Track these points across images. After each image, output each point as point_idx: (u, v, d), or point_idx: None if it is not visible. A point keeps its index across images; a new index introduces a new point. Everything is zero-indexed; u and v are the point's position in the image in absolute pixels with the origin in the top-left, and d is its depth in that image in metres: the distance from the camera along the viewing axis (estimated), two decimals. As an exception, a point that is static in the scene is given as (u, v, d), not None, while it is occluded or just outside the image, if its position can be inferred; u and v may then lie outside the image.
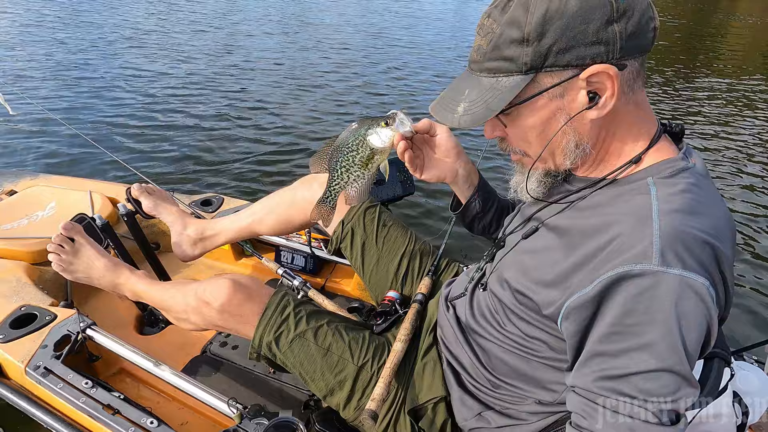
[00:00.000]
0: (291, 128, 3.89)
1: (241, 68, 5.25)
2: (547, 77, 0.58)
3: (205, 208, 1.73)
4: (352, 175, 0.83)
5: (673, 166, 0.61)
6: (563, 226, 0.66)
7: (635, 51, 0.58)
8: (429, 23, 8.37)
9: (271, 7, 8.59)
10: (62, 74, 4.57)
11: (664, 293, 0.52)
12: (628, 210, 0.58)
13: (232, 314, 0.95)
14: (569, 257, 0.61)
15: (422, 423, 0.89)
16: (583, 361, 0.58)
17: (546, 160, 0.66)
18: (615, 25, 0.55)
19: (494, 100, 0.60)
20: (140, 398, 1.19)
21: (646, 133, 0.63)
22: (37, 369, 1.08)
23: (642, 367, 0.53)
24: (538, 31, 0.56)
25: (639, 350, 0.53)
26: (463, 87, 0.64)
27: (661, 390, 0.53)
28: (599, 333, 0.56)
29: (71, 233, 1.18)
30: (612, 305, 0.55)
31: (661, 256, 0.52)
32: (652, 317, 0.52)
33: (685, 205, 0.56)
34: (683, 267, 0.52)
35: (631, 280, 0.53)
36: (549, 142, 0.63)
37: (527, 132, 0.64)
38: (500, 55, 0.59)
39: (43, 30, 6.01)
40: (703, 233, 0.54)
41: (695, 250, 0.53)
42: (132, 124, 3.70)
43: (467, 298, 0.87)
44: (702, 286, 0.52)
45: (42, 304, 1.25)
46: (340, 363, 0.91)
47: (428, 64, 6.03)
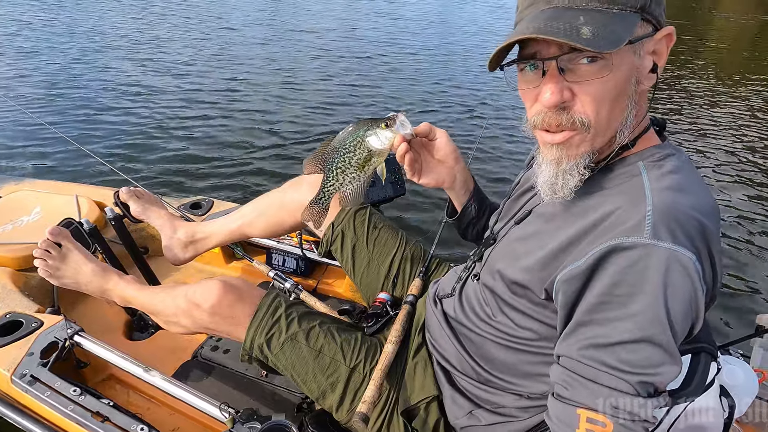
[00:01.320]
0: (280, 131, 3.87)
1: (230, 72, 5.22)
2: (643, 26, 0.58)
3: (194, 212, 1.72)
4: (348, 176, 0.81)
5: (660, 152, 0.63)
6: (555, 209, 0.67)
7: (661, 22, 0.59)
8: (419, 26, 8.40)
9: (258, 11, 8.55)
10: (47, 77, 4.50)
11: (654, 265, 0.53)
12: (621, 190, 0.60)
13: (222, 316, 0.94)
14: (562, 236, 0.62)
15: (415, 423, 0.89)
16: (569, 331, 0.59)
17: (598, 134, 0.60)
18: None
19: (621, 30, 0.55)
20: (130, 405, 1.17)
21: (644, 120, 0.65)
22: (23, 377, 1.06)
23: (625, 337, 0.54)
24: None
25: (624, 320, 0.54)
26: (567, 14, 0.56)
27: (642, 362, 0.54)
28: (587, 303, 0.57)
29: (58, 238, 1.16)
30: (602, 276, 0.56)
31: (652, 230, 0.54)
32: (639, 288, 0.54)
33: (675, 184, 0.58)
34: (673, 241, 0.53)
35: (622, 252, 0.55)
36: (616, 111, 0.59)
37: (608, 92, 0.58)
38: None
39: (29, 34, 5.91)
40: (693, 210, 0.55)
41: (685, 226, 0.54)
42: (119, 127, 3.65)
43: (459, 287, 0.88)
44: (689, 260, 0.53)
45: (28, 310, 1.23)
46: (333, 364, 0.91)
47: (422, 68, 6.03)
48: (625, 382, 0.54)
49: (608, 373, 0.55)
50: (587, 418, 0.55)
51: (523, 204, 0.75)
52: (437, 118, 4.28)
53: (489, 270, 0.77)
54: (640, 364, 0.54)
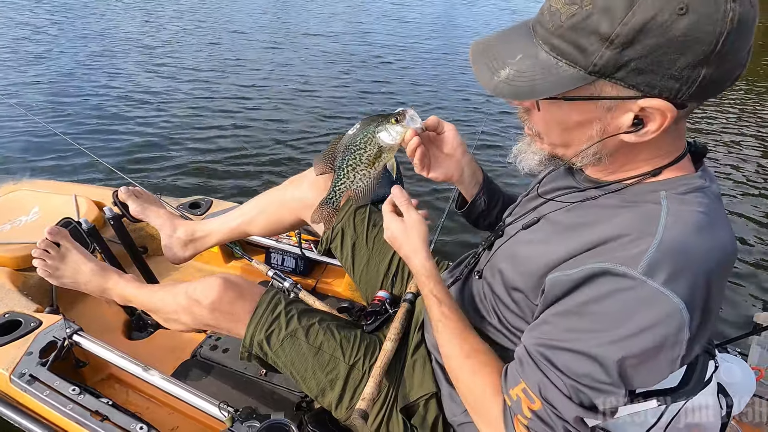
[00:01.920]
0: (280, 130, 3.87)
1: (230, 71, 5.22)
2: (608, 86, 0.53)
3: (193, 211, 1.72)
4: (359, 174, 0.80)
5: (688, 184, 0.59)
6: (565, 221, 0.66)
7: (705, 96, 0.53)
8: (426, 28, 8.37)
9: (261, 13, 8.54)
10: (45, 76, 4.49)
11: (635, 299, 0.52)
12: (635, 216, 0.57)
13: (223, 313, 0.94)
14: (564, 250, 0.62)
15: (414, 420, 0.89)
16: (535, 325, 0.63)
17: (556, 148, 0.64)
18: (705, 68, 0.49)
19: (544, 83, 0.53)
20: (129, 404, 1.18)
21: (672, 152, 0.60)
22: (22, 376, 1.06)
23: (578, 347, 0.56)
24: (629, 38, 0.48)
25: (586, 334, 0.55)
26: (516, 47, 0.56)
27: (585, 375, 0.56)
28: (561, 308, 0.59)
29: (57, 238, 1.16)
30: (585, 290, 0.56)
31: (648, 266, 0.52)
32: (614, 315, 0.54)
33: (693, 223, 0.54)
34: (665, 282, 0.51)
35: (611, 277, 0.54)
36: (569, 141, 0.60)
37: (554, 124, 0.60)
38: (575, 40, 0.51)
39: (26, 33, 5.90)
40: (703, 254, 0.53)
41: (687, 271, 0.52)
42: (118, 127, 3.65)
43: (460, 284, 0.88)
44: (675, 306, 0.51)
45: (27, 310, 1.23)
46: (332, 362, 0.91)
47: (428, 68, 6.02)
48: (563, 383, 0.57)
49: (553, 371, 0.58)
50: (524, 388, 0.61)
51: (538, 206, 0.74)
52: (443, 115, 4.28)
53: (491, 268, 0.77)
54: (583, 375, 0.56)
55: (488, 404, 0.66)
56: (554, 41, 0.53)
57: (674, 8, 0.47)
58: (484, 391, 0.68)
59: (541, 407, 0.59)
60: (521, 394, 0.61)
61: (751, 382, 0.88)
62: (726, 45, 0.48)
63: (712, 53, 0.48)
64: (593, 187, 0.65)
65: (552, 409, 0.59)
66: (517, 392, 0.62)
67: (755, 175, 3.77)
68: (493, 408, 0.66)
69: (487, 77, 0.57)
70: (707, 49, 0.48)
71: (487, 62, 0.57)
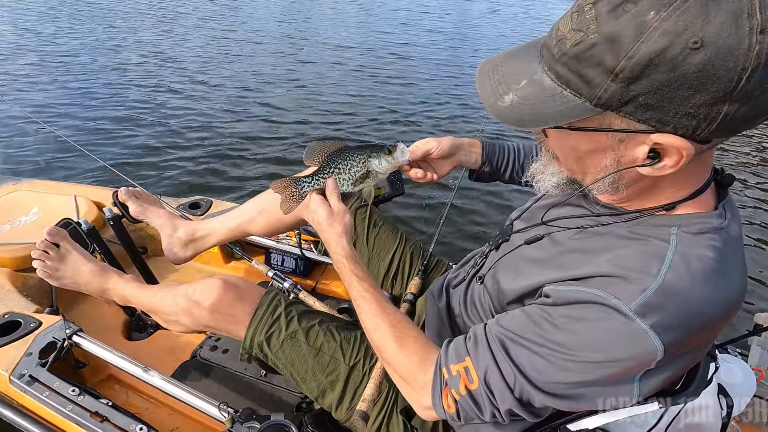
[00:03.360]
0: (280, 131, 3.87)
1: (230, 72, 5.22)
2: (616, 119, 0.49)
3: (193, 212, 1.72)
4: (339, 181, 0.85)
5: (703, 223, 0.55)
6: (570, 245, 0.64)
7: (730, 132, 0.48)
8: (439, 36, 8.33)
9: (264, 16, 8.54)
10: (45, 76, 4.49)
11: (619, 334, 0.52)
12: (640, 252, 0.55)
13: (222, 314, 0.94)
14: (564, 273, 0.61)
15: (415, 421, 0.89)
16: (508, 315, 0.63)
17: (574, 173, 0.61)
18: (726, 105, 0.45)
19: (548, 112, 0.51)
20: (129, 405, 1.17)
21: (694, 183, 0.57)
22: (21, 377, 1.06)
23: (543, 353, 0.56)
24: (634, 73, 0.45)
25: (556, 346, 0.56)
26: (522, 72, 0.53)
27: (536, 377, 0.57)
28: (542, 312, 0.58)
29: (56, 238, 1.16)
30: (571, 310, 0.56)
31: (641, 306, 0.51)
32: (590, 339, 0.54)
33: (700, 270, 0.52)
34: (653, 324, 0.50)
35: (602, 306, 0.54)
36: (584, 168, 0.58)
37: (566, 151, 0.58)
38: (579, 70, 0.48)
39: (25, 31, 5.89)
40: (701, 306, 0.52)
41: (679, 320, 0.51)
42: (118, 127, 3.65)
43: (464, 286, 0.88)
44: (654, 347, 0.51)
45: (26, 311, 1.22)
46: (332, 363, 0.91)
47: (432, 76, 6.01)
48: (512, 376, 0.58)
49: (506, 361, 0.59)
50: (466, 366, 0.61)
51: (547, 221, 0.72)
52: (442, 112, 4.29)
53: (492, 276, 0.78)
54: (535, 376, 0.57)
55: (415, 372, 0.68)
56: (559, 69, 0.50)
57: (687, 42, 0.42)
58: (410, 359, 0.69)
59: (478, 388, 0.60)
60: (462, 371, 0.61)
61: (751, 382, 0.88)
62: (752, 81, 0.43)
63: (734, 91, 0.43)
64: (606, 214, 0.63)
65: (488, 394, 0.59)
66: (458, 368, 0.62)
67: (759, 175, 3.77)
68: (419, 376, 0.67)
69: (492, 101, 0.55)
70: (728, 86, 0.43)
71: (492, 86, 0.55)
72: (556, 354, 0.56)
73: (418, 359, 0.68)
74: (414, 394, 0.69)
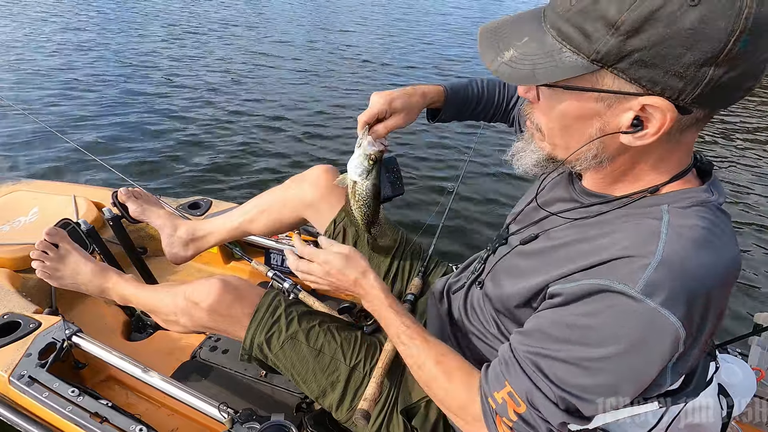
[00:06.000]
0: (280, 131, 3.87)
1: (228, 71, 5.22)
2: (610, 78, 0.51)
3: (192, 212, 1.72)
4: (356, 207, 0.91)
5: (692, 197, 0.57)
6: (565, 239, 0.65)
7: (711, 103, 0.50)
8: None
9: (267, 12, 8.53)
10: (44, 76, 4.48)
11: (633, 317, 0.52)
12: (635, 231, 0.56)
13: (221, 315, 0.94)
14: (562, 266, 0.61)
15: (415, 422, 0.89)
16: (527, 330, 0.62)
17: (556, 148, 0.62)
18: (712, 69, 0.47)
19: (544, 69, 0.52)
20: (129, 405, 1.17)
21: (675, 167, 0.59)
22: (21, 378, 1.05)
23: (569, 358, 0.56)
24: (634, 26, 0.47)
25: (578, 345, 0.55)
26: (524, 29, 0.55)
27: (572, 386, 0.57)
28: (557, 317, 0.58)
29: (55, 239, 1.16)
30: (581, 305, 0.56)
31: (646, 285, 0.51)
32: (608, 331, 0.54)
33: (694, 239, 0.53)
34: (663, 302, 0.50)
35: (609, 293, 0.53)
36: (568, 139, 0.59)
37: (554, 117, 0.59)
38: (581, 24, 0.50)
39: (25, 30, 5.89)
40: (701, 273, 0.52)
41: (685, 290, 0.51)
42: (118, 127, 3.65)
43: (463, 292, 0.88)
44: (672, 326, 0.51)
45: (26, 311, 1.22)
46: (333, 364, 0.91)
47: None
48: (551, 391, 0.58)
49: (542, 379, 0.58)
50: (509, 392, 0.61)
51: (540, 219, 0.73)
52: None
53: (492, 279, 0.78)
54: (572, 385, 0.57)
55: (467, 405, 0.67)
56: (561, 25, 0.52)
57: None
58: (460, 393, 0.68)
59: (527, 410, 0.60)
60: (507, 397, 0.61)
61: (751, 382, 0.88)
62: (737, 46, 0.45)
63: (722, 53, 0.46)
64: (596, 203, 0.64)
65: (537, 414, 0.59)
66: (502, 395, 0.62)
67: (758, 177, 3.77)
68: (471, 408, 0.66)
69: (491, 57, 0.56)
70: (716, 47, 0.46)
71: (494, 43, 0.56)
72: (581, 356, 0.55)
73: (466, 391, 0.68)
74: (468, 427, 0.68)
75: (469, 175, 3.27)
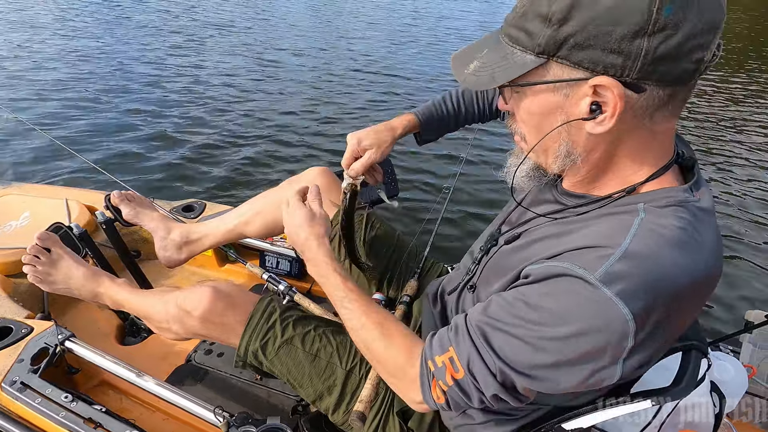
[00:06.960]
0: (272, 134, 3.86)
1: (221, 73, 5.20)
2: (557, 68, 0.54)
3: (186, 215, 1.71)
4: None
5: (670, 197, 0.57)
6: (544, 234, 0.66)
7: (660, 78, 0.51)
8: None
9: (266, 12, 8.51)
10: (35, 78, 4.44)
11: (586, 303, 0.52)
12: (608, 226, 0.57)
13: (214, 323, 0.94)
14: (541, 255, 0.61)
15: (411, 423, 0.89)
16: (486, 303, 0.63)
17: (538, 155, 0.65)
18: (643, 40, 0.49)
19: (500, 71, 0.57)
20: (123, 410, 1.16)
21: (653, 163, 0.59)
22: (13, 384, 1.04)
23: (519, 334, 0.57)
24: (563, 15, 0.51)
25: (531, 324, 0.56)
26: (485, 44, 0.62)
27: (514, 361, 0.57)
28: (517, 294, 0.59)
29: (47, 243, 1.15)
30: (541, 286, 0.57)
31: (605, 273, 0.51)
32: (561, 313, 0.54)
33: (667, 237, 0.53)
34: (619, 293, 0.50)
35: (568, 278, 0.54)
36: (543, 136, 0.60)
37: (525, 119, 0.62)
38: (523, 26, 0.55)
39: (15, 33, 5.83)
40: (667, 273, 0.51)
41: (644, 284, 0.51)
42: (110, 130, 3.62)
43: (456, 295, 0.88)
44: (623, 317, 0.50)
45: (17, 316, 1.21)
46: (329, 368, 0.91)
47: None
48: (493, 362, 0.59)
49: (486, 349, 0.59)
50: (451, 357, 0.62)
51: (527, 220, 0.74)
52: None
53: (482, 281, 0.78)
54: (514, 360, 0.57)
55: (405, 367, 0.69)
56: (510, 31, 0.57)
57: None
58: (400, 355, 0.70)
59: (464, 377, 0.61)
60: (447, 362, 0.63)
61: (743, 379, 0.89)
62: (662, 14, 0.47)
63: (648, 23, 0.48)
64: (580, 204, 0.65)
65: (474, 382, 0.61)
66: (443, 359, 0.63)
67: (750, 172, 3.82)
68: (409, 371, 0.68)
69: (461, 72, 0.62)
70: (641, 18, 0.48)
71: (463, 61, 0.63)
72: (530, 334, 0.56)
73: (405, 354, 0.69)
74: (405, 390, 0.70)
75: (466, 174, 3.28)
